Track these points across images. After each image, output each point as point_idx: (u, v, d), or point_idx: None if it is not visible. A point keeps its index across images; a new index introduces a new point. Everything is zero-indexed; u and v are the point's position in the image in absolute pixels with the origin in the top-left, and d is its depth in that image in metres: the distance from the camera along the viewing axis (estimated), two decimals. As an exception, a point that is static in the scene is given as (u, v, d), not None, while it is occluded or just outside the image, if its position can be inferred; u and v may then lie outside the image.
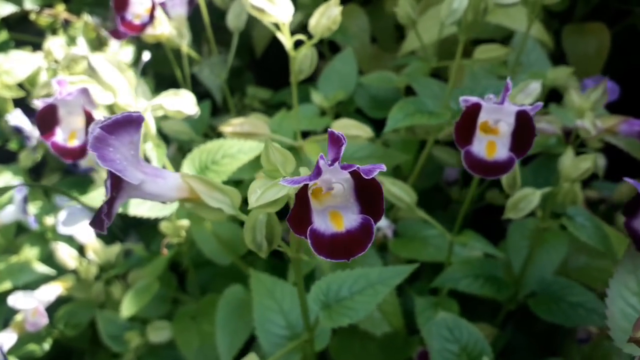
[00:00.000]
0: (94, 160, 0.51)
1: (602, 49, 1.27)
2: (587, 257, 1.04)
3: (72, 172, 1.38)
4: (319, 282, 0.72)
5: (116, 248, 1.15)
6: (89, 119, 0.72)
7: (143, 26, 0.90)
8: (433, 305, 0.94)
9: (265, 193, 0.47)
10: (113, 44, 1.35)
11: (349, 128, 0.87)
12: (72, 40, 1.38)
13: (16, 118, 1.22)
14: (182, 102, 0.75)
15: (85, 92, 0.72)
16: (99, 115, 0.72)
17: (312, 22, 0.82)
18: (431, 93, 0.99)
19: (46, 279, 1.19)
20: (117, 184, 0.49)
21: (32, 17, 1.40)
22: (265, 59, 1.58)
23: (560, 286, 0.93)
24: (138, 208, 0.79)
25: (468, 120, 0.66)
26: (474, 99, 0.65)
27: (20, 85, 1.23)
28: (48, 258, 1.25)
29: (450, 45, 1.17)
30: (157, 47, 1.48)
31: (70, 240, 1.20)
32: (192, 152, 0.82)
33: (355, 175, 0.45)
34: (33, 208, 1.25)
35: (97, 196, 1.20)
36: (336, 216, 0.47)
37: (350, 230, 0.47)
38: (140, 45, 1.34)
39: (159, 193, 0.52)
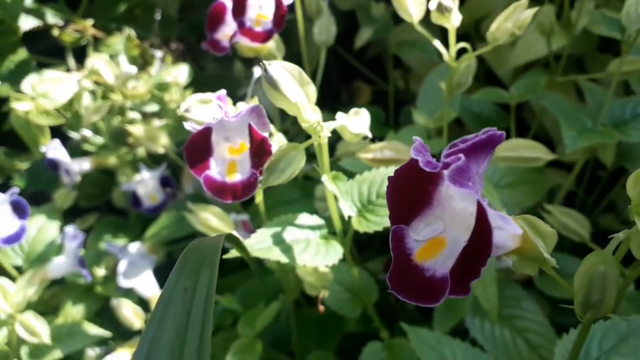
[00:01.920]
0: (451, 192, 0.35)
1: None
2: None
3: (112, 211, 1.17)
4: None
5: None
6: (259, 146, 0.55)
7: (267, 34, 0.74)
8: None
9: None
10: (157, 65, 1.17)
11: (520, 149, 0.74)
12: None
13: (54, 150, 1.02)
14: (362, 123, 0.60)
15: (256, 111, 0.55)
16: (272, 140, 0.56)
17: (493, 26, 0.69)
18: (565, 109, 0.88)
19: (99, 342, 0.98)
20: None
21: (55, 32, 1.20)
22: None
23: None
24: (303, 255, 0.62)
25: None
26: None
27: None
28: (96, 316, 1.03)
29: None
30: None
31: (127, 294, 1.00)
32: (339, 186, 0.66)
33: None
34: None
35: (160, 232, 1.01)
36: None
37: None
38: (193, 62, 1.17)
39: (500, 243, 0.37)
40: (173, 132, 1.04)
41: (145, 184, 0.99)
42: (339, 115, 0.59)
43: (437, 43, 0.74)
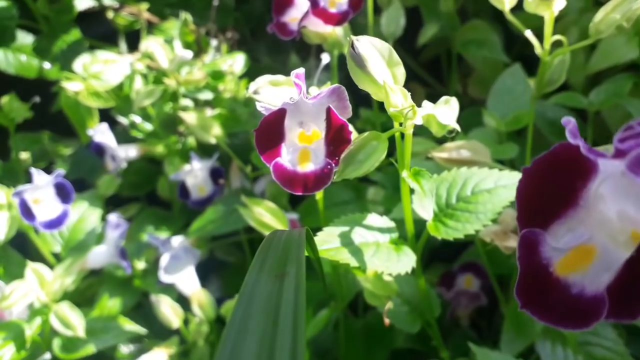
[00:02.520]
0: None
1: None
2: None
3: (154, 203, 1.13)
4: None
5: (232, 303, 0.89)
6: (337, 133, 0.49)
7: (342, 16, 0.68)
8: None
9: None
10: (212, 54, 1.12)
11: None
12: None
13: (102, 134, 0.97)
14: (452, 114, 0.52)
15: (337, 93, 0.49)
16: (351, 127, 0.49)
17: (598, 16, 0.61)
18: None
19: (133, 339, 0.93)
20: None
21: (109, 15, 1.16)
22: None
23: None
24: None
25: None
26: None
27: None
28: (132, 311, 0.98)
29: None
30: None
31: (166, 289, 0.94)
32: (421, 183, 0.59)
33: None
34: (117, 247, 0.98)
35: (205, 226, 0.95)
36: None
37: None
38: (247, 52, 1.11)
39: None
40: (226, 122, 0.98)
41: (194, 174, 0.94)
42: (426, 103, 0.52)
43: (529, 34, 0.66)
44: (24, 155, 1.11)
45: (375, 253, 0.55)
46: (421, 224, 0.61)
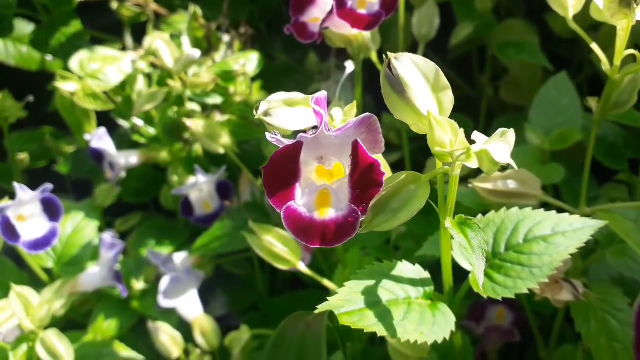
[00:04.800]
0: None
1: None
2: None
3: (159, 210, 1.04)
4: None
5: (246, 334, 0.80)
6: (365, 174, 0.39)
7: (373, 18, 0.57)
8: None
9: None
10: (223, 50, 1.02)
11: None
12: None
13: (99, 139, 0.88)
14: (508, 150, 0.42)
15: (367, 124, 0.39)
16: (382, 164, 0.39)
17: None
18: None
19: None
20: None
21: (114, 5, 1.07)
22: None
23: None
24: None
25: None
26: None
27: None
28: (131, 331, 0.90)
29: None
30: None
31: (167, 314, 0.85)
32: (468, 237, 0.48)
33: None
34: (113, 265, 0.89)
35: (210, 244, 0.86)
36: None
37: None
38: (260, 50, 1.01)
39: None
40: (236, 130, 0.89)
41: (199, 188, 0.84)
42: (477, 135, 0.42)
43: (595, 47, 0.55)
44: (22, 156, 1.03)
45: (406, 314, 0.45)
46: (459, 270, 0.51)
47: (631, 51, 0.54)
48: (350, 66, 0.64)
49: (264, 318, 1.01)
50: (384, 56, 0.39)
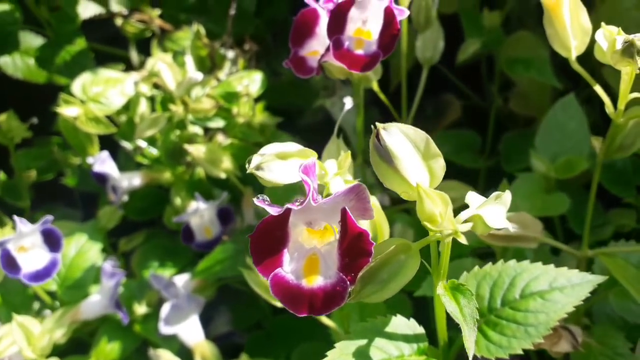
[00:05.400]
0: None
1: None
2: None
3: (164, 227, 1.04)
4: None
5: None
6: (354, 243, 0.38)
7: (370, 59, 0.56)
8: None
9: None
10: (228, 67, 1.01)
11: None
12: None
13: (102, 163, 0.88)
14: (502, 213, 0.41)
15: (356, 192, 0.38)
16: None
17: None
18: None
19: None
20: None
21: (118, 22, 1.07)
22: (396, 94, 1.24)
23: None
24: None
25: None
26: None
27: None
28: (132, 356, 0.90)
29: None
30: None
31: (168, 339, 0.85)
32: (460, 304, 0.47)
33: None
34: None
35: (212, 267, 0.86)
36: None
37: None
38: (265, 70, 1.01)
39: None
40: (238, 153, 0.88)
41: (200, 214, 0.84)
42: (472, 197, 0.41)
43: (599, 90, 0.54)
44: (29, 172, 1.03)
45: (398, 374, 0.45)
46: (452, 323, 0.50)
47: (636, 95, 0.53)
48: (349, 102, 0.62)
49: (267, 337, 1.01)
50: (372, 126, 0.38)
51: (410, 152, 0.37)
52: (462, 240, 0.37)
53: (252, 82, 0.94)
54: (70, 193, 1.19)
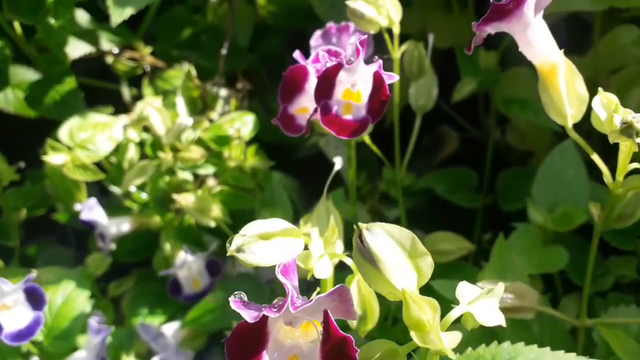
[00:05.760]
0: None
1: None
2: None
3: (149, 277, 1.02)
4: None
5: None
6: (336, 348, 0.36)
7: (360, 125, 0.54)
8: None
9: None
10: (220, 106, 1.00)
11: None
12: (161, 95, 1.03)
13: (90, 211, 0.86)
14: (494, 310, 0.39)
15: (338, 294, 0.36)
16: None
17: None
18: None
19: None
20: None
21: (109, 60, 1.05)
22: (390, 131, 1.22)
23: None
24: None
25: None
26: None
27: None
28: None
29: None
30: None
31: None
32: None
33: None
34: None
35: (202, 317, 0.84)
36: None
37: None
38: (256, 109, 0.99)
39: None
40: (229, 199, 0.87)
41: (188, 266, 0.82)
42: (463, 290, 0.39)
43: (596, 158, 0.52)
44: (18, 213, 1.01)
45: None
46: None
47: (635, 165, 0.51)
48: (338, 163, 0.61)
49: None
50: (354, 226, 0.36)
51: (396, 253, 0.35)
52: (451, 356, 0.35)
53: (243, 124, 0.92)
54: (64, 226, 1.17)
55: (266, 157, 0.96)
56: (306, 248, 0.49)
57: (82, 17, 1.05)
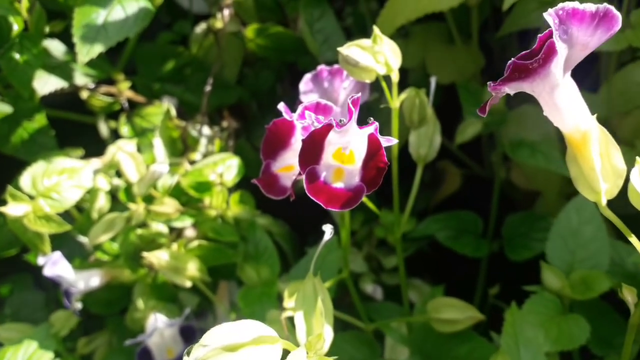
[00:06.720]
0: None
1: None
2: None
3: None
4: None
5: None
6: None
7: (352, 195, 0.45)
8: None
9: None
10: (203, 146, 0.92)
11: None
12: (139, 133, 0.95)
13: (53, 265, 0.77)
14: None
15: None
16: None
17: None
18: None
19: None
20: None
21: (84, 95, 0.97)
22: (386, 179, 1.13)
23: None
24: None
25: None
26: None
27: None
28: None
29: None
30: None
31: None
32: None
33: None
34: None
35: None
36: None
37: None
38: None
39: None
40: (208, 254, 0.78)
41: (160, 332, 0.73)
42: None
43: (635, 241, 0.43)
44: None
45: None
46: None
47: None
48: (328, 231, 0.52)
49: None
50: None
51: None
52: None
53: (227, 169, 0.84)
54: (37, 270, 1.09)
55: (252, 202, 0.87)
56: (286, 354, 0.40)
57: (56, 48, 0.97)
